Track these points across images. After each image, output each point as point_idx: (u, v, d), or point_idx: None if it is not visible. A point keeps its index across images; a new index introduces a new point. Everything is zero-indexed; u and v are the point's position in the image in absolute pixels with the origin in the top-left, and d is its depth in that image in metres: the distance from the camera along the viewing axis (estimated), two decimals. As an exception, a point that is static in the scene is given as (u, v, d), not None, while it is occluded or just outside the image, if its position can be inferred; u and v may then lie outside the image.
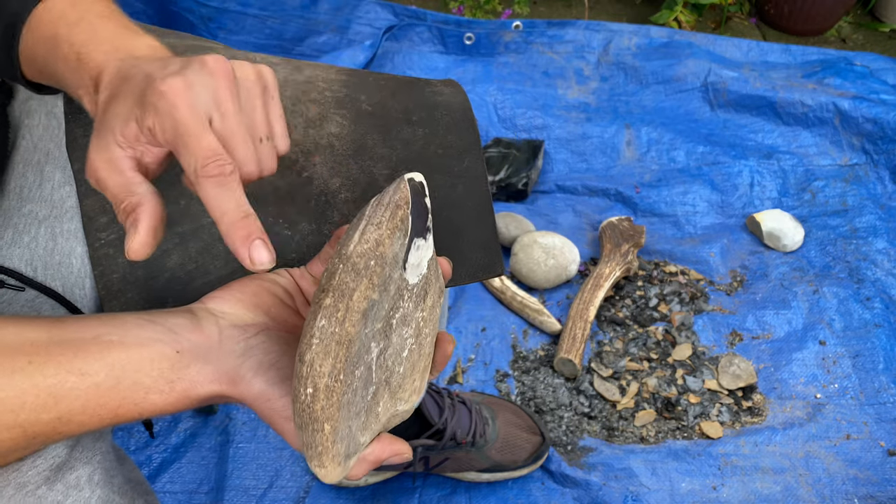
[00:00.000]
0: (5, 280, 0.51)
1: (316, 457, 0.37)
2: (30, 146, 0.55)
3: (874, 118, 1.45)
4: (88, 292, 0.56)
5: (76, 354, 0.39)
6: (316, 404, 0.36)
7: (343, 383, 0.37)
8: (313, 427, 0.36)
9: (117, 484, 0.48)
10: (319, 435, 0.37)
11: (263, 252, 0.37)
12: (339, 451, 0.38)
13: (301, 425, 0.37)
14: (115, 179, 0.39)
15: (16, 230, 0.53)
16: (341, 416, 0.37)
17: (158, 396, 0.40)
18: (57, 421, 0.39)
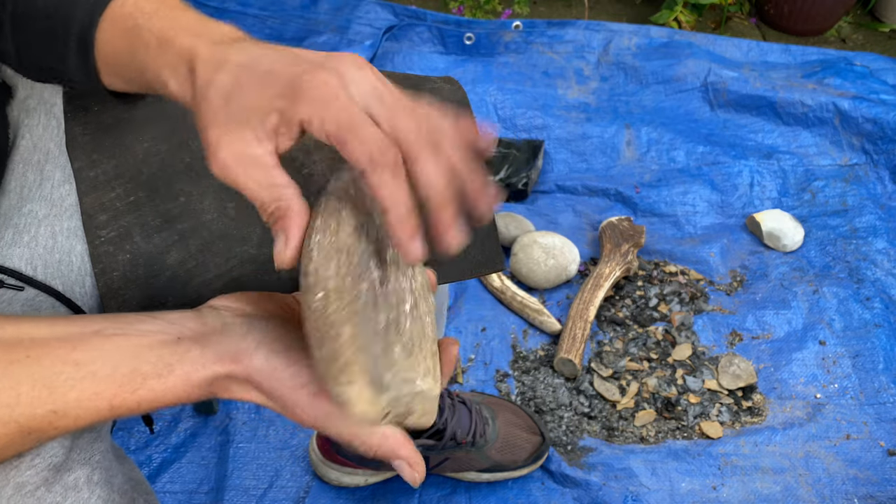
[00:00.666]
0: (5, 280, 0.51)
1: (340, 372, 0.35)
2: (29, 145, 0.55)
3: (874, 118, 1.45)
4: (89, 290, 0.56)
5: (75, 347, 0.39)
6: (329, 307, 0.35)
7: (352, 287, 0.36)
8: (331, 334, 0.34)
9: (117, 484, 0.48)
10: (340, 342, 0.35)
11: (421, 247, 0.37)
12: (366, 367, 0.35)
13: (318, 340, 0.35)
14: (258, 178, 0.38)
15: (16, 229, 0.53)
16: (360, 326, 0.35)
17: (157, 381, 0.39)
18: (52, 415, 0.38)
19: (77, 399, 0.38)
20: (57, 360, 0.38)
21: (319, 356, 0.35)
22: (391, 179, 0.36)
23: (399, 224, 0.36)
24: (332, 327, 0.34)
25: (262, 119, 0.37)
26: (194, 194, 0.55)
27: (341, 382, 0.35)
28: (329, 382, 0.36)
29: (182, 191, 0.55)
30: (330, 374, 0.35)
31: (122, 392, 0.39)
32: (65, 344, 0.39)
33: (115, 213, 0.54)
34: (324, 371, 0.36)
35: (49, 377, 0.38)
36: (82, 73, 0.46)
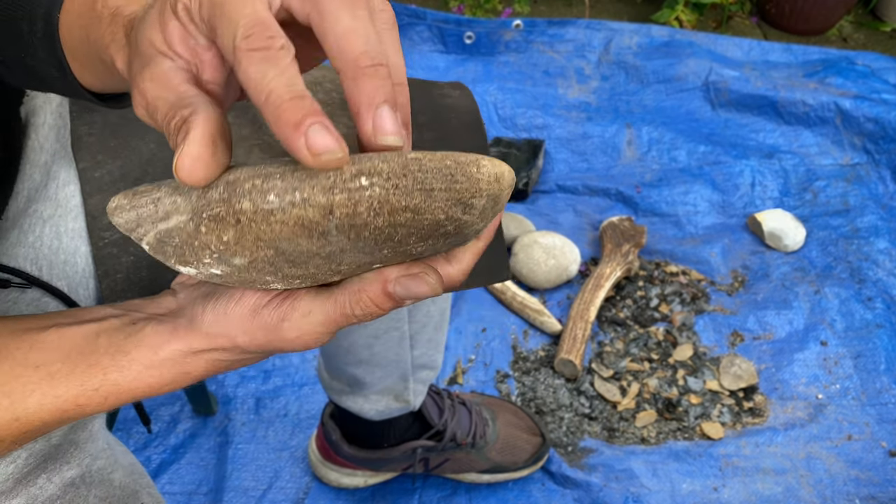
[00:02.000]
0: (11, 279, 0.51)
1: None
2: (35, 146, 0.55)
3: (875, 118, 1.45)
4: (92, 293, 0.56)
5: (32, 347, 0.37)
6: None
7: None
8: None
9: (117, 479, 0.48)
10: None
11: (325, 136, 0.26)
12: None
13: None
14: (166, 98, 0.30)
15: (21, 230, 0.53)
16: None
17: (118, 374, 0.36)
18: (16, 422, 0.36)
19: (38, 404, 0.36)
20: (15, 364, 0.36)
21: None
22: (256, 65, 0.27)
23: (277, 117, 0.27)
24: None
25: (161, 29, 0.31)
26: None
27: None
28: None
29: None
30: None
31: (84, 391, 0.36)
32: (22, 345, 0.37)
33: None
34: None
35: (7, 383, 0.36)
36: (53, 66, 0.42)
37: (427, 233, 0.30)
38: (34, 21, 0.41)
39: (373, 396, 0.84)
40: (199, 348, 0.36)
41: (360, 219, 0.28)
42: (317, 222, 0.28)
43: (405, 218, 0.29)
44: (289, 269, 0.31)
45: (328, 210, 0.28)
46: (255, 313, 0.34)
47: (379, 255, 0.31)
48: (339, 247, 0.30)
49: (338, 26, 0.28)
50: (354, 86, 0.28)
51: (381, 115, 0.28)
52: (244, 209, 0.28)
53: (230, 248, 0.30)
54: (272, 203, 0.28)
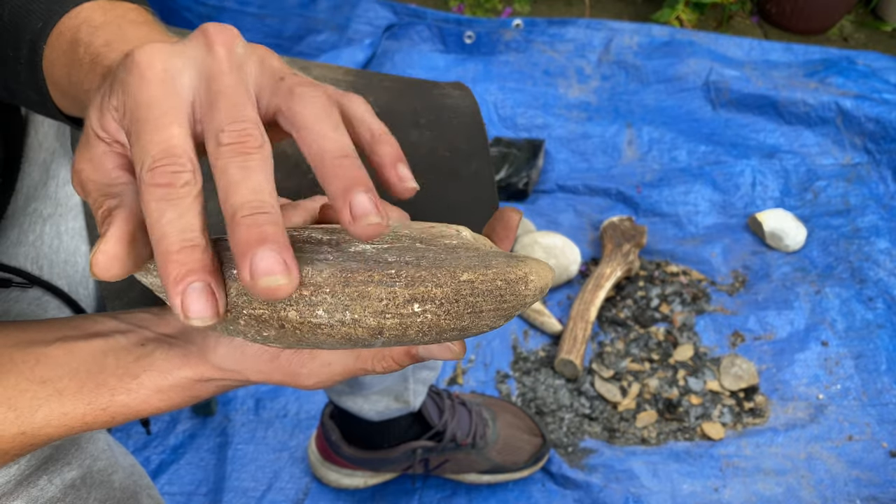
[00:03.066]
0: (13, 279, 0.51)
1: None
2: (35, 144, 0.54)
3: (876, 117, 1.44)
4: (92, 292, 0.55)
5: (38, 360, 0.36)
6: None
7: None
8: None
9: (117, 481, 0.48)
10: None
11: (197, 302, 0.26)
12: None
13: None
14: (97, 181, 0.30)
15: (21, 229, 0.52)
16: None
17: (127, 396, 0.36)
18: (22, 436, 0.36)
19: (45, 419, 0.36)
20: (21, 378, 0.35)
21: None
22: (155, 202, 0.27)
23: (161, 265, 0.26)
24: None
25: (99, 116, 0.30)
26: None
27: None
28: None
29: None
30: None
31: (91, 410, 0.36)
32: (28, 358, 0.36)
33: None
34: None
35: (13, 397, 0.35)
36: (34, 90, 0.41)
37: (468, 336, 0.31)
38: (19, 46, 0.40)
39: (373, 397, 0.84)
40: (210, 377, 0.36)
41: (407, 338, 0.29)
42: (363, 339, 0.28)
43: (452, 335, 0.29)
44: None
45: (378, 331, 0.28)
46: (272, 357, 0.34)
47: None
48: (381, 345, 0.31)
49: (311, 134, 0.29)
50: (326, 183, 0.28)
51: (356, 202, 0.27)
52: (290, 318, 0.28)
53: (269, 339, 0.29)
54: (320, 318, 0.28)
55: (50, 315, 0.52)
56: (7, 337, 0.37)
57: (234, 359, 0.34)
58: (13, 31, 0.41)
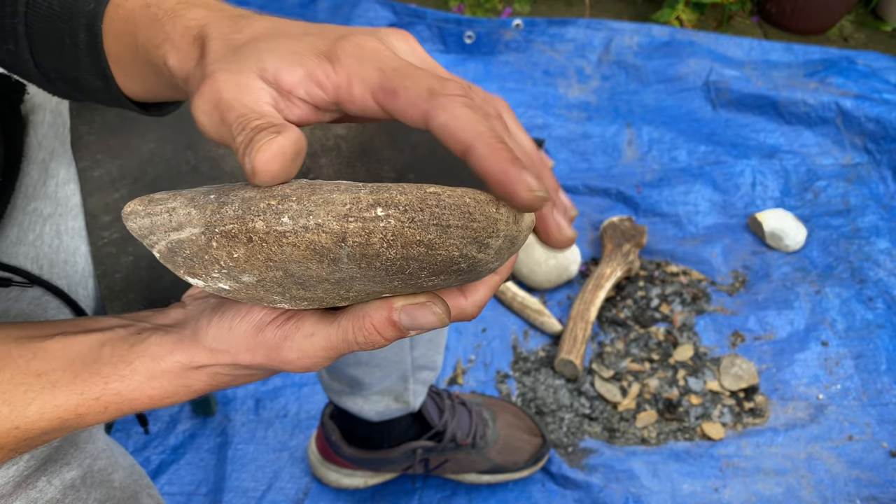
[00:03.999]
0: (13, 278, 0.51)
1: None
2: (34, 143, 0.54)
3: (876, 117, 1.44)
4: (92, 292, 0.55)
5: (35, 355, 0.36)
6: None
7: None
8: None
9: (118, 480, 0.48)
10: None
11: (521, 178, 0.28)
12: None
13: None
14: (246, 100, 0.30)
15: (21, 228, 0.53)
16: None
17: (119, 383, 0.36)
18: (16, 431, 0.36)
19: (38, 412, 0.36)
20: (17, 372, 0.36)
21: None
22: (464, 110, 0.28)
23: (493, 156, 0.28)
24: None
25: (281, 66, 0.31)
26: None
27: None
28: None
29: None
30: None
31: (84, 400, 0.36)
32: (25, 353, 0.36)
33: (119, 215, 0.54)
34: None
35: (8, 391, 0.35)
36: (97, 76, 0.42)
37: (439, 268, 0.29)
38: (76, 32, 0.41)
39: (373, 397, 0.84)
40: (201, 363, 0.35)
41: (372, 249, 0.28)
42: (328, 249, 0.28)
43: (418, 252, 0.28)
44: (297, 291, 0.31)
45: (341, 238, 0.28)
46: (258, 330, 0.34)
47: (389, 285, 0.30)
48: (349, 274, 0.29)
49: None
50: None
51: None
52: (256, 228, 0.28)
53: (239, 265, 0.30)
54: (285, 225, 0.28)
55: (49, 314, 0.52)
56: (7, 334, 0.37)
57: (223, 338, 0.34)
58: (66, 19, 0.41)
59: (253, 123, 0.29)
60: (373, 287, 0.31)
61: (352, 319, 0.32)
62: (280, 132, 0.28)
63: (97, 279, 0.54)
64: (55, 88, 0.46)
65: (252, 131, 0.29)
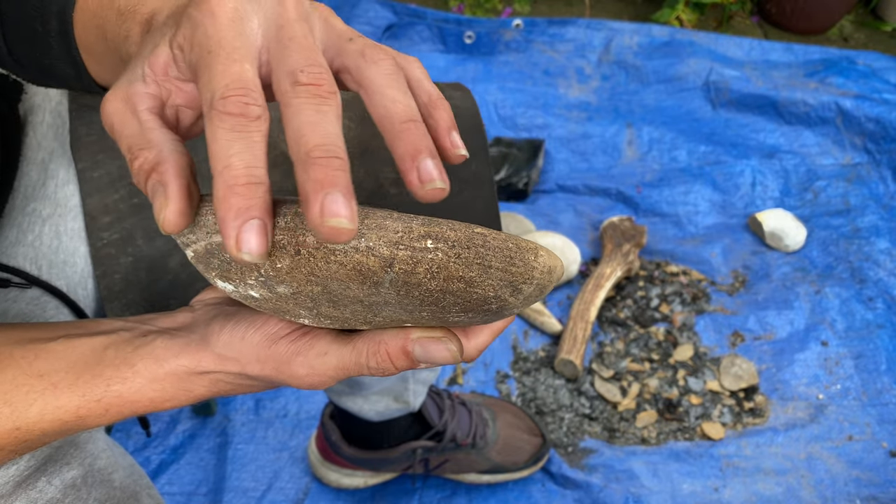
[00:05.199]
0: (11, 279, 0.51)
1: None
2: (34, 144, 0.54)
3: (876, 117, 1.45)
4: (91, 293, 0.55)
5: (38, 356, 0.36)
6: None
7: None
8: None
9: (118, 480, 0.48)
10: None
11: (254, 237, 0.26)
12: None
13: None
14: (130, 124, 0.30)
15: (20, 229, 0.53)
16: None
17: (122, 385, 0.35)
18: (16, 431, 0.35)
19: (40, 413, 0.35)
20: (19, 372, 0.35)
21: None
22: (226, 133, 0.27)
23: (224, 196, 0.26)
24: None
25: (152, 53, 0.30)
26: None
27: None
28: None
29: None
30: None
31: (86, 402, 0.35)
32: (27, 353, 0.36)
33: (119, 216, 0.54)
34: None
35: (9, 391, 0.35)
36: (68, 63, 0.41)
37: (471, 306, 0.30)
38: (47, 19, 0.40)
39: (372, 397, 0.84)
40: (207, 369, 0.35)
41: (415, 278, 0.29)
42: (374, 272, 0.29)
43: (457, 287, 0.29)
44: (326, 309, 0.31)
45: (388, 263, 0.28)
46: (271, 342, 0.34)
47: (417, 315, 0.31)
48: (385, 299, 0.30)
49: (383, 98, 0.30)
50: (394, 145, 0.29)
51: (423, 167, 0.29)
52: (307, 242, 0.29)
53: (280, 276, 0.30)
54: (337, 244, 0.28)
55: (48, 315, 0.52)
56: (9, 335, 0.37)
57: (234, 346, 0.34)
58: (39, 6, 0.41)
59: (135, 164, 0.29)
60: (401, 315, 0.31)
61: (368, 343, 0.33)
62: (165, 183, 0.28)
63: (96, 280, 0.54)
64: (29, 76, 0.45)
65: (142, 175, 0.29)
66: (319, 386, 0.34)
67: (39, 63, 0.43)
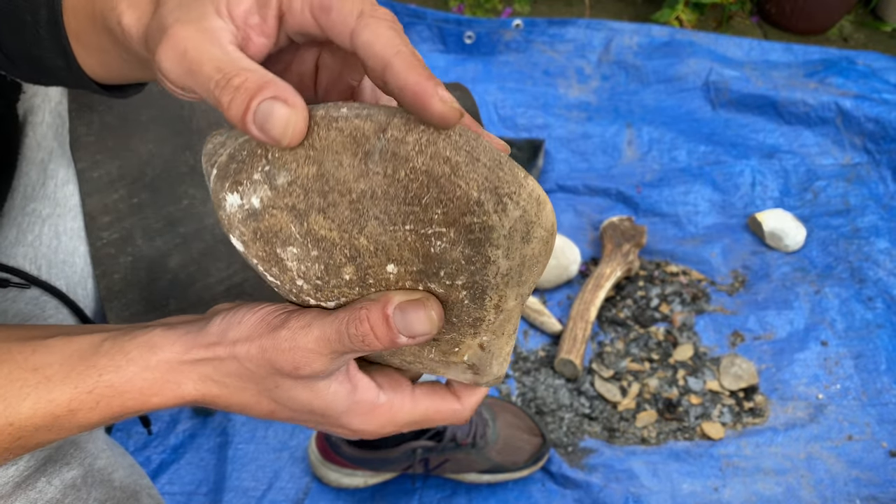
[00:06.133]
0: (10, 279, 0.51)
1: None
2: (33, 144, 0.55)
3: (876, 117, 1.45)
4: (91, 292, 0.55)
5: (35, 350, 0.36)
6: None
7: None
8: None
9: (118, 480, 0.48)
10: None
11: (443, 90, 0.29)
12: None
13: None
14: (214, 53, 0.30)
15: (19, 229, 0.53)
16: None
17: (114, 374, 0.35)
18: (9, 427, 0.35)
19: (32, 408, 0.35)
20: (14, 367, 0.35)
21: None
22: (387, 30, 0.30)
23: (408, 71, 0.29)
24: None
25: (227, 3, 0.31)
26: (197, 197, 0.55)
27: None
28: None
29: (185, 193, 0.54)
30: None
31: (78, 394, 0.35)
32: (25, 349, 0.36)
33: (118, 216, 0.54)
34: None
35: (3, 386, 0.35)
36: (58, 54, 0.41)
37: (454, 214, 0.30)
38: (37, 9, 0.40)
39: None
40: (196, 357, 0.35)
41: (404, 149, 0.30)
42: (367, 137, 0.30)
43: (442, 171, 0.29)
44: (315, 221, 0.31)
45: (382, 128, 0.30)
46: (262, 319, 0.35)
47: (401, 231, 0.31)
48: (371, 188, 0.30)
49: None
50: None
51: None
52: (316, 114, 0.31)
53: (283, 159, 0.31)
54: (341, 112, 0.31)
55: (47, 314, 0.52)
56: (8, 333, 0.38)
57: (227, 329, 0.35)
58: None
59: (235, 82, 0.29)
60: (386, 227, 0.31)
61: (349, 311, 0.33)
62: (279, 95, 0.29)
63: (96, 279, 0.54)
64: (20, 71, 0.45)
65: (241, 93, 0.29)
66: (304, 364, 0.34)
67: (29, 55, 0.43)
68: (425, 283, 0.32)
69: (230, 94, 0.29)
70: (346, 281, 0.33)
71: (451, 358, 0.36)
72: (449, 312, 0.34)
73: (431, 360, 0.37)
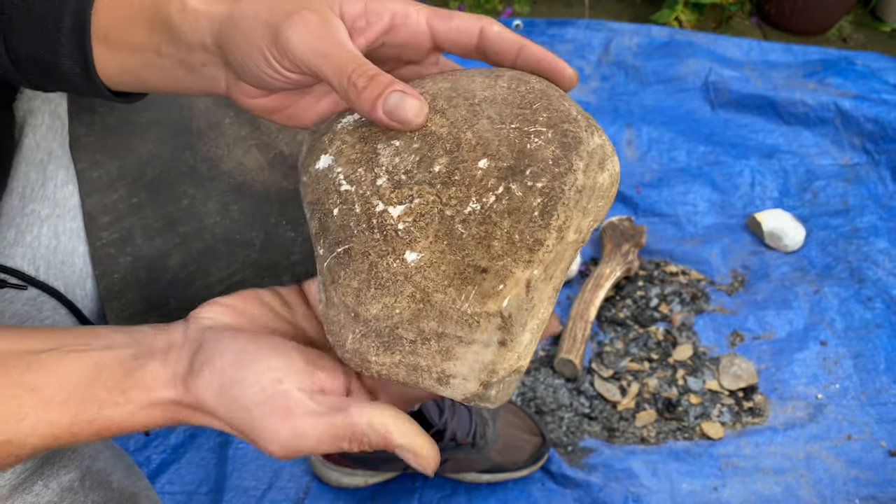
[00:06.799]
0: (8, 279, 0.51)
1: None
2: (32, 145, 0.55)
3: (875, 118, 1.45)
4: (90, 293, 0.55)
5: (30, 367, 0.36)
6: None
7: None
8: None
9: (116, 482, 0.48)
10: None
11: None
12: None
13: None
14: (347, 45, 0.36)
15: (18, 229, 0.53)
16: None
17: (114, 409, 0.36)
18: (7, 444, 0.36)
19: (31, 428, 0.35)
20: (10, 383, 0.36)
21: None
22: (501, 25, 0.39)
23: (543, 48, 0.39)
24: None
25: (345, 2, 0.37)
26: (197, 197, 0.55)
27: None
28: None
29: (185, 193, 0.54)
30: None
31: (78, 421, 0.36)
32: (19, 363, 0.36)
33: (118, 215, 0.54)
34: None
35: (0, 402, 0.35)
36: (76, 60, 0.41)
37: (555, 120, 0.36)
38: (61, 17, 0.41)
39: (373, 396, 0.84)
40: (188, 403, 0.37)
41: (527, 76, 0.39)
42: (501, 71, 0.39)
43: (553, 93, 0.37)
44: (431, 118, 0.37)
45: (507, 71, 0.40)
46: (261, 388, 0.36)
47: (505, 130, 0.36)
48: (493, 95, 0.37)
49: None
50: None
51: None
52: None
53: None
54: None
55: (45, 315, 0.52)
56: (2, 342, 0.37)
57: (221, 404, 0.36)
58: (56, 4, 0.41)
59: (370, 73, 0.35)
60: (494, 124, 0.36)
61: (343, 420, 0.36)
62: (403, 90, 0.35)
63: (96, 280, 0.54)
64: (23, 76, 0.45)
65: (375, 83, 0.35)
66: (280, 454, 0.36)
67: (42, 61, 0.42)
68: (508, 181, 0.34)
69: (366, 82, 0.35)
70: (432, 175, 0.35)
71: (489, 304, 0.33)
72: (513, 228, 0.34)
73: (458, 321, 0.34)
